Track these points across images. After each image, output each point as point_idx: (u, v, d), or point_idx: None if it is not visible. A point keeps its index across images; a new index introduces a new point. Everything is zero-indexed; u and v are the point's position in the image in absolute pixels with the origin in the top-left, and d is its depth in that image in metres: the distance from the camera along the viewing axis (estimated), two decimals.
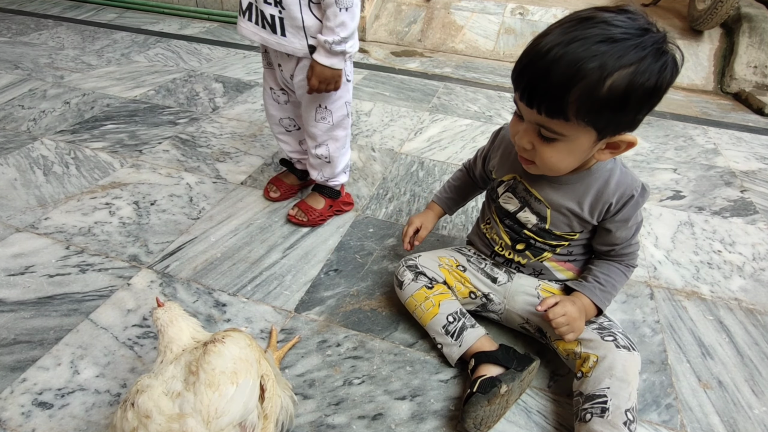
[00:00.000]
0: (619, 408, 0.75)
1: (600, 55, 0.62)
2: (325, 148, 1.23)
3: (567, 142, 0.71)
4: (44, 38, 2.62)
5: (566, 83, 0.63)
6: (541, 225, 0.89)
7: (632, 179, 0.83)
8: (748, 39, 2.61)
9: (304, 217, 1.30)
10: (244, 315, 1.04)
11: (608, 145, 0.73)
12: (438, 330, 0.95)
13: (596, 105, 0.64)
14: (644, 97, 0.65)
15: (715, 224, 1.45)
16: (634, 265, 0.92)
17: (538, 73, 0.65)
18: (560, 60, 0.63)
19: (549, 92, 0.65)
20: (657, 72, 0.63)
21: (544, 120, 0.69)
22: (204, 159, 1.59)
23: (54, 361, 0.92)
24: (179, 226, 1.29)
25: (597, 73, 0.62)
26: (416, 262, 1.02)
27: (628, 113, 0.67)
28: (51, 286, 1.08)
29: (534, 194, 0.88)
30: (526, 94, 0.68)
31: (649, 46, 0.63)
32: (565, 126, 0.68)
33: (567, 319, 0.83)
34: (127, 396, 0.69)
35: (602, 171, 0.82)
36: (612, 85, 0.63)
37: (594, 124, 0.67)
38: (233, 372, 0.72)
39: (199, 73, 2.28)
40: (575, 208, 0.84)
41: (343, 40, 1.01)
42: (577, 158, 0.75)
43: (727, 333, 1.08)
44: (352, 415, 0.86)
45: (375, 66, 2.55)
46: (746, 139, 2.02)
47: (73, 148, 1.61)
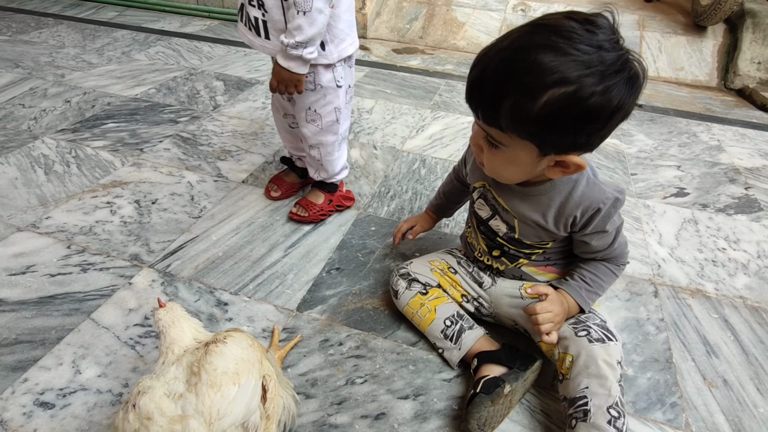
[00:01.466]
0: (601, 408, 0.73)
1: (539, 68, 0.57)
2: (317, 151, 1.22)
3: (507, 151, 0.68)
4: (45, 37, 2.62)
5: (499, 92, 0.60)
6: (511, 234, 0.88)
7: (600, 192, 0.77)
8: (751, 35, 2.59)
9: (304, 213, 1.29)
10: (246, 314, 1.04)
11: (557, 163, 0.69)
12: (437, 335, 0.94)
13: (527, 121, 0.60)
14: (583, 120, 0.59)
15: (719, 221, 1.44)
16: (625, 263, 0.90)
17: (479, 76, 0.62)
18: (500, 67, 0.60)
19: (483, 98, 0.63)
20: (600, 94, 0.57)
21: (484, 126, 0.67)
22: (205, 157, 1.59)
23: (55, 360, 0.92)
24: (180, 224, 1.29)
25: (531, 87, 0.58)
26: (408, 269, 1.02)
27: (564, 134, 0.62)
28: (52, 286, 1.08)
29: (501, 204, 0.86)
30: (468, 97, 0.66)
31: (595, 65, 0.57)
32: (503, 136, 0.66)
33: (552, 317, 0.81)
34: (128, 397, 0.68)
35: (566, 183, 0.78)
36: (546, 102, 0.58)
37: (529, 139, 0.64)
38: (235, 372, 0.72)
39: (200, 71, 2.27)
40: (540, 220, 0.82)
41: (299, 45, 0.96)
42: (521, 170, 0.72)
43: (732, 331, 1.07)
44: (354, 415, 0.86)
45: (376, 63, 2.54)
46: (750, 135, 2.01)
47: (74, 147, 1.60)
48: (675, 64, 2.64)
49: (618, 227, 0.83)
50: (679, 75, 2.61)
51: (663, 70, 2.63)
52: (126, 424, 0.66)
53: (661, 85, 2.54)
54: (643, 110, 2.20)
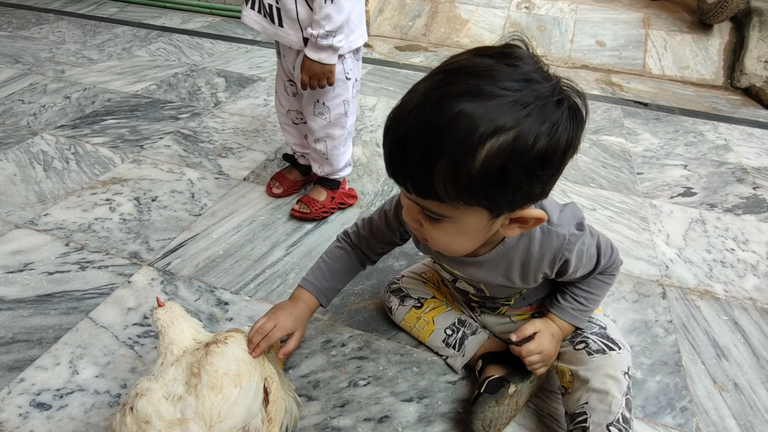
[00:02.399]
0: (600, 425, 0.69)
1: (468, 120, 0.46)
2: (323, 144, 1.20)
3: (454, 222, 0.56)
4: (45, 32, 2.60)
5: (427, 157, 0.48)
6: (480, 294, 0.84)
7: (558, 238, 0.67)
8: (758, 33, 2.57)
9: (306, 210, 1.27)
10: (247, 314, 1.02)
11: (513, 220, 0.58)
12: (438, 345, 0.92)
13: (468, 184, 0.49)
14: (532, 167, 0.48)
15: (727, 222, 1.42)
16: (616, 270, 0.80)
17: (397, 144, 0.50)
18: (420, 127, 0.48)
19: (409, 168, 0.50)
20: (547, 134, 0.47)
21: (417, 200, 0.54)
22: (206, 154, 1.57)
23: (53, 360, 0.90)
24: (181, 222, 1.27)
25: (463, 145, 0.46)
26: (399, 284, 0.98)
27: (517, 189, 0.50)
28: (50, 284, 1.06)
29: (457, 275, 0.79)
30: (390, 170, 0.53)
31: (531, 102, 0.47)
32: (442, 207, 0.53)
33: (542, 357, 0.77)
34: (126, 399, 0.67)
35: (519, 240, 0.68)
36: (486, 157, 0.47)
37: (478, 204, 0.52)
38: (236, 374, 0.70)
39: (201, 67, 2.25)
40: (504, 282, 0.74)
41: (329, 34, 0.96)
42: (474, 238, 0.60)
43: (742, 334, 1.05)
44: (357, 418, 0.84)
45: (379, 61, 2.51)
46: (757, 134, 1.99)
47: (73, 144, 1.58)
48: (680, 62, 2.62)
49: (597, 249, 0.74)
50: (685, 73, 2.59)
51: (668, 68, 2.61)
52: (123, 427, 0.64)
53: (666, 83, 2.52)
54: (649, 109, 2.17)
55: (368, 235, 0.86)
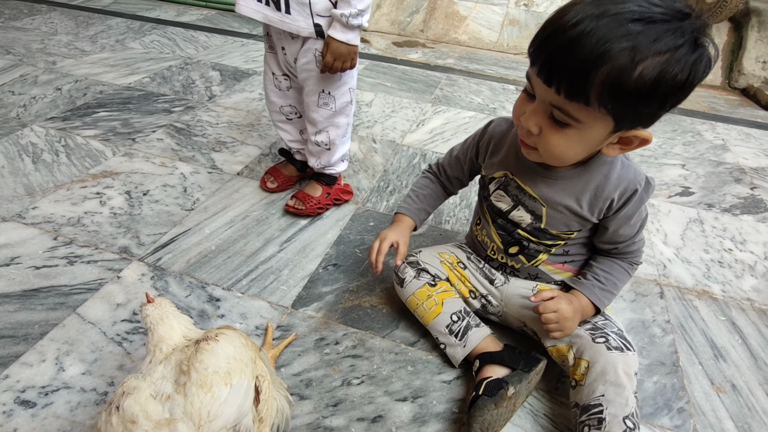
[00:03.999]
0: (617, 417, 0.70)
1: (634, 36, 0.54)
2: (326, 135, 1.18)
3: (580, 129, 0.62)
4: (37, 23, 2.55)
5: (593, 62, 0.55)
6: (536, 224, 0.83)
7: (635, 173, 0.76)
8: (756, 33, 2.56)
9: (301, 206, 1.25)
10: (239, 311, 1.00)
11: (620, 140, 0.66)
12: (441, 330, 0.90)
13: (622, 91, 0.56)
14: (673, 90, 0.57)
15: (725, 222, 1.41)
16: (638, 263, 0.86)
17: (563, 47, 0.57)
18: (589, 35, 0.54)
19: (572, 70, 0.57)
20: (691, 64, 0.55)
21: (561, 101, 0.60)
22: (199, 148, 1.54)
23: (38, 357, 0.88)
24: (172, 217, 1.24)
25: (628, 56, 0.54)
26: (417, 258, 0.97)
27: (652, 105, 0.59)
28: (37, 279, 1.04)
29: (528, 192, 0.81)
30: (546, 69, 0.59)
31: (687, 33, 0.54)
32: (584, 111, 0.60)
33: (557, 317, 0.78)
34: (112, 398, 0.64)
35: (602, 165, 0.75)
36: (642, 71, 0.55)
37: (615, 112, 0.59)
38: (227, 372, 0.68)
39: (196, 60, 2.22)
40: (573, 205, 0.78)
41: (360, 13, 0.97)
42: (586, 149, 0.67)
43: (740, 334, 1.04)
44: (350, 417, 0.82)
45: (376, 56, 2.49)
46: (755, 135, 1.98)
47: (63, 136, 1.55)
48: None
49: (643, 219, 0.81)
50: None
51: None
52: (109, 427, 0.62)
53: None
54: None
55: (447, 164, 0.98)
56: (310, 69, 1.07)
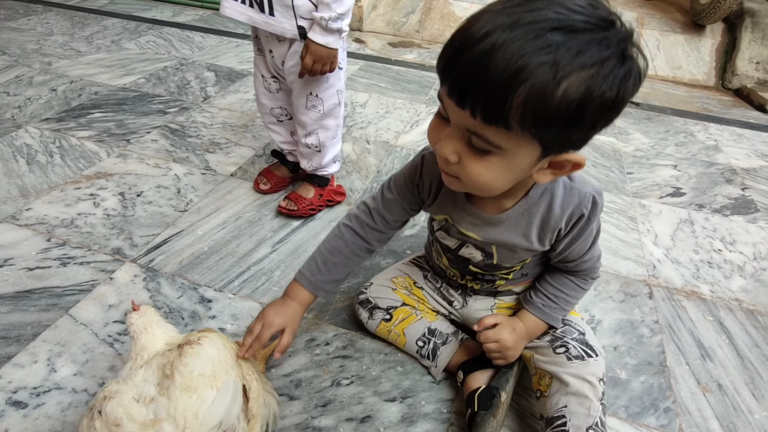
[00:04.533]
0: (579, 428, 0.69)
1: (554, 48, 0.46)
2: (315, 137, 1.19)
3: (504, 156, 0.54)
4: (33, 24, 2.56)
5: (509, 81, 0.46)
6: (487, 261, 0.80)
7: (579, 196, 0.69)
8: (750, 34, 2.58)
9: (294, 207, 1.26)
10: (230, 312, 1.01)
11: (551, 164, 0.58)
12: (414, 354, 0.92)
13: (546, 113, 0.48)
14: (602, 110, 0.50)
15: (715, 222, 1.42)
16: (594, 278, 0.83)
17: (473, 65, 0.48)
18: (502, 48, 0.46)
19: (486, 90, 0.48)
20: (620, 80, 0.48)
21: (478, 126, 0.51)
22: (193, 149, 1.55)
23: (30, 358, 0.89)
24: (166, 218, 1.25)
25: (549, 72, 0.46)
26: (367, 295, 0.95)
27: (580, 128, 0.51)
28: (30, 280, 1.04)
29: (471, 237, 0.76)
30: (456, 89, 0.50)
31: (614, 44, 0.47)
32: (504, 136, 0.51)
33: (498, 347, 0.79)
34: (93, 403, 0.65)
35: (543, 194, 0.69)
36: (567, 90, 0.47)
37: (540, 137, 0.51)
38: (212, 375, 0.68)
39: (191, 61, 2.23)
40: (522, 242, 0.73)
41: (340, 17, 0.97)
42: (513, 177, 0.58)
43: (728, 334, 1.05)
44: (339, 417, 0.83)
45: (371, 57, 2.50)
46: (747, 135, 1.99)
47: (58, 137, 1.56)
48: (673, 62, 2.62)
49: (596, 234, 0.76)
50: (677, 74, 2.59)
51: (661, 68, 2.61)
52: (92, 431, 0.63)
53: (658, 83, 2.52)
54: (641, 108, 2.17)
55: (383, 208, 0.82)
56: (297, 72, 1.08)
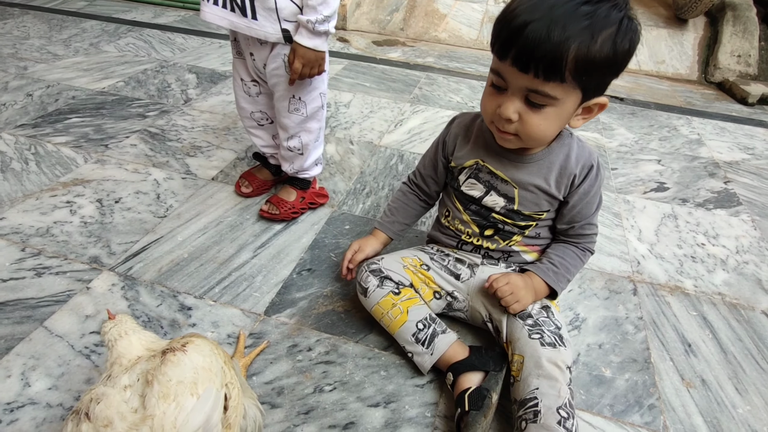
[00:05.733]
0: (551, 408, 0.72)
1: (589, 15, 0.64)
2: (298, 140, 1.17)
3: (556, 106, 0.71)
4: (9, 27, 2.50)
5: (563, 43, 0.64)
6: (509, 206, 0.88)
7: (589, 151, 0.85)
8: (732, 28, 2.60)
9: (275, 211, 1.24)
10: (211, 319, 0.99)
11: (583, 110, 0.75)
12: (408, 338, 0.89)
13: (589, 64, 0.66)
14: (625, 57, 0.68)
15: (698, 216, 1.42)
16: (591, 250, 0.93)
17: (533, 38, 0.65)
18: (554, 23, 0.63)
19: (547, 55, 0.65)
20: (632, 34, 0.67)
21: (538, 84, 0.68)
22: (174, 153, 1.52)
23: (3, 372, 0.86)
24: (144, 225, 1.23)
25: (588, 33, 0.64)
26: (380, 265, 0.95)
27: (611, 73, 0.70)
28: (3, 292, 1.01)
29: (500, 176, 0.86)
30: (521, 58, 0.67)
31: (623, 7, 0.66)
32: (559, 88, 0.68)
33: (510, 287, 0.85)
34: (78, 407, 0.63)
35: (562, 146, 0.84)
36: (601, 45, 0.65)
37: (584, 84, 0.69)
38: (192, 382, 0.67)
39: (172, 63, 2.19)
40: (542, 184, 0.84)
41: (326, 19, 0.96)
42: (561, 124, 0.75)
43: (711, 329, 1.06)
44: (322, 425, 0.82)
45: (355, 56, 2.48)
46: (730, 129, 2.01)
47: (34, 143, 1.52)
48: (656, 57, 2.63)
49: (599, 201, 0.89)
50: (660, 68, 2.61)
51: (644, 63, 2.62)
52: None
53: (642, 78, 2.53)
54: (624, 104, 2.18)
55: (422, 165, 1.01)
56: (280, 74, 1.06)
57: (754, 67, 2.51)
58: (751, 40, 2.55)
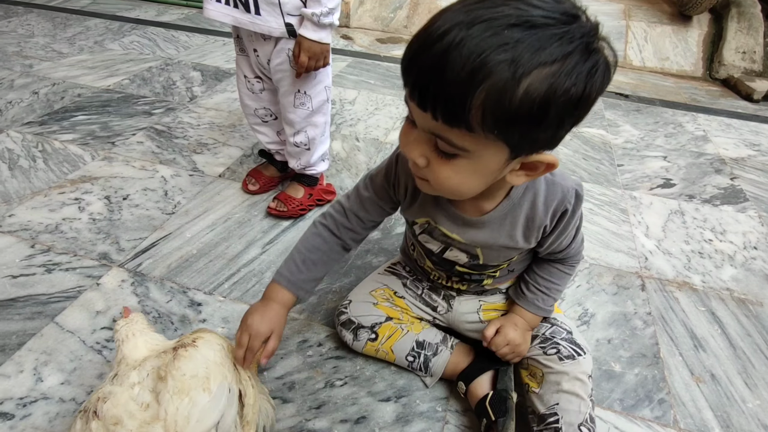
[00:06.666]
0: (572, 425, 0.71)
1: (512, 45, 0.44)
2: (304, 135, 1.17)
3: (471, 159, 0.52)
4: (13, 26, 2.51)
5: (467, 81, 0.45)
6: (473, 261, 0.78)
7: (562, 191, 0.68)
8: (736, 24, 2.59)
9: (283, 208, 1.24)
10: (221, 315, 0.99)
11: (523, 166, 0.56)
12: (406, 367, 0.90)
13: (507, 113, 0.46)
14: (567, 108, 0.48)
15: (705, 213, 1.42)
16: (578, 262, 0.84)
17: (431, 65, 0.46)
18: (459, 47, 0.44)
19: (445, 92, 0.46)
20: (585, 75, 0.46)
21: (441, 128, 0.50)
22: (180, 151, 1.53)
23: (16, 368, 0.87)
24: (153, 221, 1.23)
25: (508, 70, 0.44)
26: (348, 315, 0.90)
27: (547, 129, 0.49)
28: (14, 288, 1.02)
29: (455, 239, 0.74)
30: (416, 91, 0.49)
31: (577, 38, 0.45)
32: (468, 138, 0.50)
33: (510, 348, 0.80)
34: (86, 406, 0.64)
35: (525, 192, 0.68)
36: (528, 88, 0.45)
37: (505, 138, 0.50)
38: (205, 377, 0.67)
39: (177, 61, 2.19)
40: (508, 242, 0.72)
41: (331, 12, 0.96)
42: (483, 180, 0.57)
43: (720, 324, 1.06)
44: (333, 419, 0.82)
45: (359, 53, 2.48)
46: (735, 125, 2.00)
47: (41, 141, 1.53)
48: (660, 53, 2.63)
49: (579, 224, 0.77)
50: (665, 65, 2.60)
51: (649, 60, 2.62)
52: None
53: (646, 75, 2.53)
54: (630, 100, 2.18)
55: (358, 207, 0.80)
56: (284, 69, 1.06)
57: (759, 64, 2.50)
58: (755, 37, 2.54)
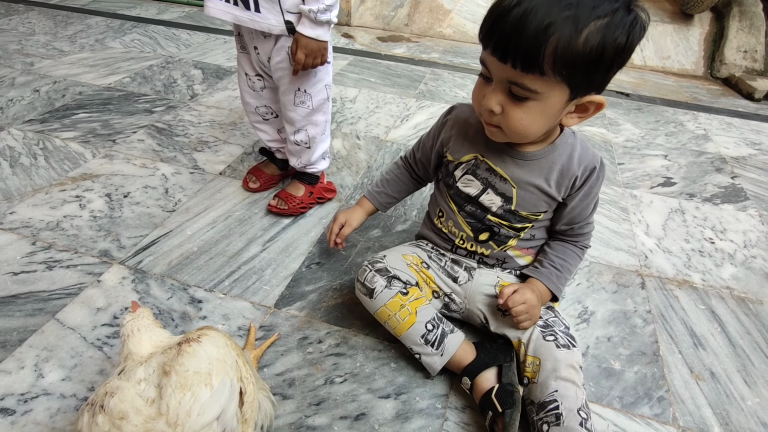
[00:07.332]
0: (572, 410, 0.72)
1: (574, 5, 0.59)
2: (304, 134, 1.17)
3: (539, 100, 0.67)
4: (14, 24, 2.51)
5: (541, 34, 0.60)
6: (506, 206, 0.85)
7: (593, 153, 0.82)
8: (738, 23, 2.59)
9: (284, 206, 1.24)
10: (221, 312, 0.99)
11: (577, 108, 0.71)
12: (416, 340, 0.87)
13: (571, 58, 0.61)
14: (617, 53, 0.62)
15: (706, 211, 1.42)
16: (588, 246, 0.92)
17: (511, 27, 0.61)
18: (533, 12, 0.59)
19: (524, 45, 0.61)
20: (629, 27, 0.61)
21: (518, 76, 0.64)
22: (181, 148, 1.53)
23: (17, 364, 0.87)
24: (154, 219, 1.23)
25: (572, 24, 0.59)
26: (385, 264, 0.91)
27: (600, 69, 0.64)
28: (15, 285, 1.02)
29: (498, 172, 0.83)
30: (500, 48, 0.63)
31: None
32: (540, 81, 0.64)
33: (526, 307, 0.82)
34: (93, 399, 0.64)
35: (565, 146, 0.81)
36: (587, 37, 0.60)
37: (569, 79, 0.64)
38: (208, 373, 0.67)
39: (178, 59, 2.19)
40: (542, 184, 0.81)
41: (328, 9, 0.96)
42: (547, 121, 0.71)
43: (719, 322, 1.06)
44: (333, 416, 0.82)
45: (360, 51, 2.48)
46: (736, 124, 2.00)
47: (42, 139, 1.53)
48: (662, 52, 2.63)
49: (597, 200, 0.86)
50: (666, 64, 2.60)
51: (650, 58, 2.62)
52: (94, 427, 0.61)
53: (648, 73, 2.53)
54: (630, 99, 2.18)
55: (416, 147, 1.00)
56: (285, 67, 1.07)
57: (761, 63, 2.50)
58: (757, 36, 2.54)
